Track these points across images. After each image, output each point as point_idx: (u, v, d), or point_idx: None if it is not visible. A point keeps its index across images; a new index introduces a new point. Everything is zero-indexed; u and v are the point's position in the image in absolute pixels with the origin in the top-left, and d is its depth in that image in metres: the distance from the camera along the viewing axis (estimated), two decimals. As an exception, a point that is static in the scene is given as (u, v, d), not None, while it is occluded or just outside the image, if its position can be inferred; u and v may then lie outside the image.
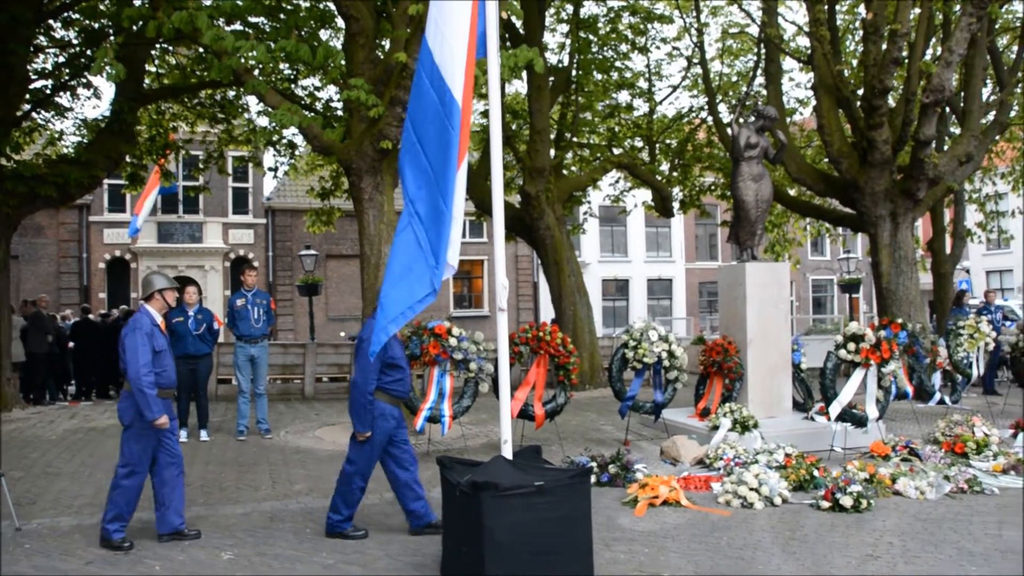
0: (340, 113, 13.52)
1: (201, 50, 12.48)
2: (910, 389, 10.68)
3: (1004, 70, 16.80)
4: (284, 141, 16.67)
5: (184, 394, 10.42)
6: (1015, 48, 17.23)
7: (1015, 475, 7.97)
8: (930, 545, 5.84)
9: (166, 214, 27.39)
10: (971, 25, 12.82)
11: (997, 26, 16.43)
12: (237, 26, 11.77)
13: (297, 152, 17.51)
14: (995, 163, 21.46)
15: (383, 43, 11.70)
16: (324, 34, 14.32)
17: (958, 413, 10.15)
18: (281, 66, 14.43)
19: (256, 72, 12.18)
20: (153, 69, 15.15)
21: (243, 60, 9.58)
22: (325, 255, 28.38)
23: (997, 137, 17.80)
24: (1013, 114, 17.90)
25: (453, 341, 8.70)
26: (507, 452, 5.22)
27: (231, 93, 15.65)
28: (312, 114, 13.36)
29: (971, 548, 5.75)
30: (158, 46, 13.85)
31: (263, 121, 17.07)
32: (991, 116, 16.50)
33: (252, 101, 16.26)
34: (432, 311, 28.38)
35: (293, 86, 15.23)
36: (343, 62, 10.94)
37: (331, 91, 15.27)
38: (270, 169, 17.85)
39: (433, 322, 8.91)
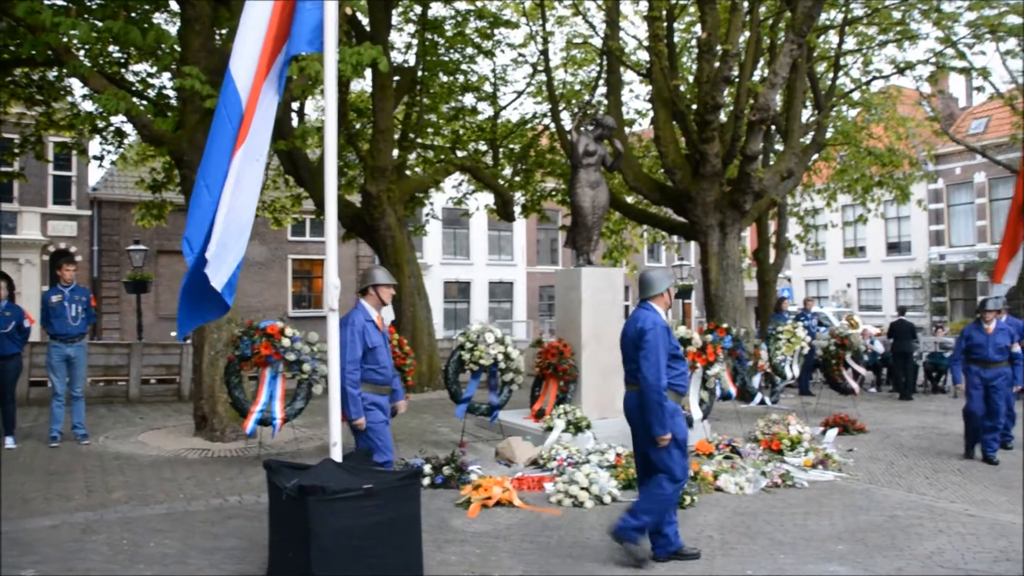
0: (174, 102, 12.86)
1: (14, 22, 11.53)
2: (733, 390, 11.30)
3: (821, 95, 18.08)
4: (111, 129, 15.68)
5: (-11, 397, 9.62)
6: (831, 75, 18.59)
7: (823, 469, 8.56)
8: (746, 537, 6.17)
9: (-26, 201, 25.23)
10: (793, 51, 13.69)
11: (815, 54, 17.63)
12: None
13: (126, 141, 16.53)
14: (813, 180, 23.05)
15: (222, 31, 11.23)
16: (160, 18, 13.57)
17: (776, 413, 10.78)
18: (110, 48, 13.56)
19: (81, 53, 11.38)
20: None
21: (63, 38, 8.92)
22: (156, 251, 27.00)
23: (815, 156, 19.13)
24: (829, 135, 19.29)
25: (286, 342, 8.45)
26: (336, 455, 5.11)
27: (52, 73, 14.56)
28: (143, 102, 12.64)
29: (781, 538, 6.12)
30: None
31: (88, 106, 16.01)
32: (810, 136, 17.69)
33: (76, 83, 15.19)
34: (268, 310, 27.58)
35: (123, 70, 14.36)
36: (177, 47, 10.41)
37: (165, 78, 14.49)
38: (95, 158, 16.70)
39: (265, 322, 8.63)
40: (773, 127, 17.52)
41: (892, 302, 35.32)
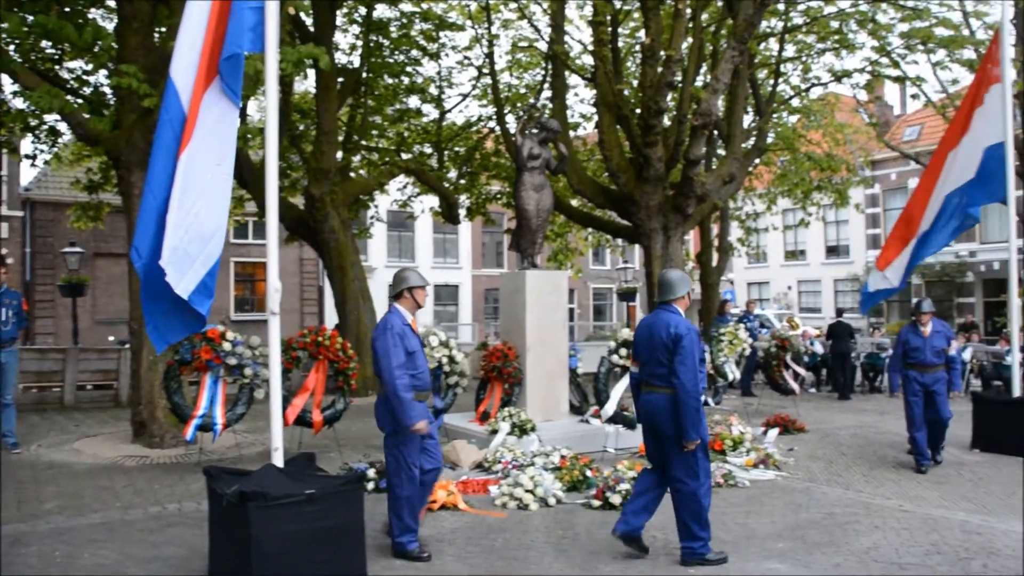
0: (111, 101, 12.54)
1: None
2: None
3: (762, 101, 18.40)
4: (44, 127, 15.20)
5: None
6: (772, 82, 18.94)
7: (764, 468, 8.70)
8: (688, 537, 6.23)
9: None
10: (734, 58, 13.89)
11: (757, 61, 17.93)
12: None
13: (61, 140, 16.05)
14: (754, 184, 23.46)
15: (161, 29, 10.99)
16: (96, 13, 13.21)
17: (718, 413, 10.92)
18: (43, 43, 13.18)
19: (12, 47, 11.03)
20: None
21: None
22: (93, 253, 26.29)
23: (757, 161, 19.46)
24: (770, 140, 19.64)
25: (227, 346, 8.31)
26: (278, 460, 5.04)
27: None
28: (78, 100, 12.30)
29: (723, 537, 6.19)
30: None
31: (19, 103, 15.51)
32: (751, 141, 17.99)
33: (6, 79, 14.71)
34: (210, 314, 27.14)
35: (57, 67, 13.94)
36: (114, 45, 10.15)
37: (102, 76, 14.11)
38: (27, 157, 16.15)
39: (206, 326, 8.47)
40: (715, 132, 17.75)
41: (831, 304, 36.09)
